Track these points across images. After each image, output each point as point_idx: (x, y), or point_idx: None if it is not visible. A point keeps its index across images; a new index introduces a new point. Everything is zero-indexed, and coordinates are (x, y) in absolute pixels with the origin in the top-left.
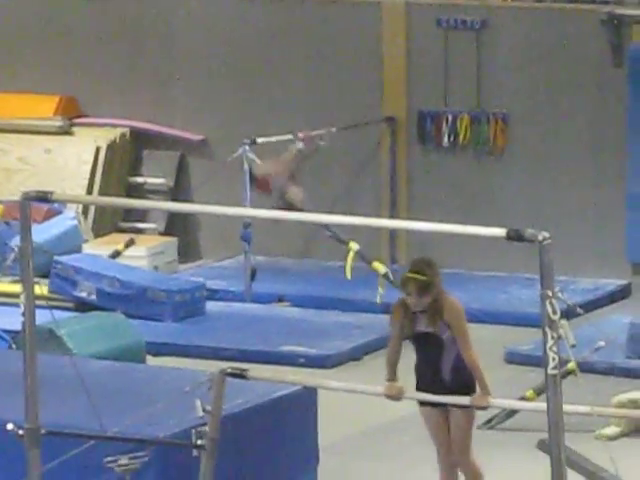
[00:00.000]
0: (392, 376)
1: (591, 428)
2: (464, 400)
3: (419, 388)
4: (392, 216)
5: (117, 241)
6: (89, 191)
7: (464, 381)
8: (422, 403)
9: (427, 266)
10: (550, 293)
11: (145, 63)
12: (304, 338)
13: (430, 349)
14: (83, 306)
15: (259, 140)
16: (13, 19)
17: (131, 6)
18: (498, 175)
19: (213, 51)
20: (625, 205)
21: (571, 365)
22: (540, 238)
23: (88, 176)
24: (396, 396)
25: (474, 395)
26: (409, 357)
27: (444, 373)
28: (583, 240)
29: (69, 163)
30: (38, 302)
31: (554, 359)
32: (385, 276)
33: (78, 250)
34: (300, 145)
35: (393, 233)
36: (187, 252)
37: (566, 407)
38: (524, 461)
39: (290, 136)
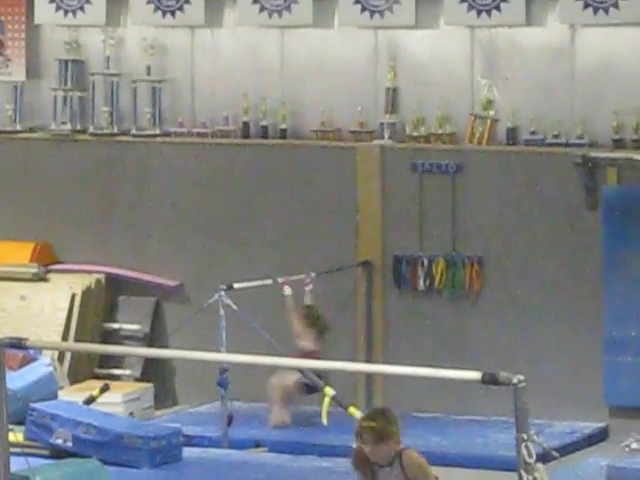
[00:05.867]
0: None
1: None
2: None
3: None
4: (368, 360)
5: (93, 387)
6: (65, 337)
7: None
8: None
9: (382, 414)
10: (525, 436)
11: (120, 209)
12: None
13: None
14: (59, 453)
15: (236, 285)
16: None
17: (105, 152)
18: (474, 318)
19: (187, 197)
20: (601, 348)
21: None
22: (515, 381)
23: (63, 322)
24: None
25: None
26: None
27: None
28: (560, 383)
29: (44, 309)
30: (13, 449)
31: None
32: None
33: (54, 397)
34: (288, 291)
35: (369, 377)
36: (163, 398)
37: None
38: None
39: (269, 281)
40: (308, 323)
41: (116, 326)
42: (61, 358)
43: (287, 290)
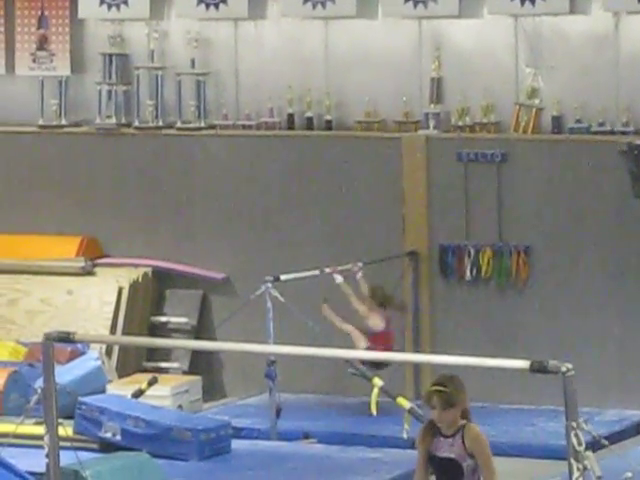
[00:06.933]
0: None
1: None
2: None
3: None
4: (416, 350)
5: (141, 381)
6: (112, 331)
7: None
8: None
9: (450, 380)
10: (575, 424)
11: (165, 202)
12: (331, 475)
13: (449, 476)
14: (108, 446)
15: (282, 277)
16: (33, 161)
17: (149, 146)
18: (521, 307)
19: (233, 189)
20: None
21: None
22: (563, 369)
23: (111, 316)
24: None
25: None
26: None
27: None
28: (608, 371)
29: (92, 304)
30: (62, 443)
31: None
32: (410, 411)
33: (102, 390)
34: (339, 279)
35: (417, 367)
36: (211, 391)
37: None
38: None
39: (316, 272)
40: (378, 303)
41: (163, 319)
42: (109, 352)
43: (338, 278)
